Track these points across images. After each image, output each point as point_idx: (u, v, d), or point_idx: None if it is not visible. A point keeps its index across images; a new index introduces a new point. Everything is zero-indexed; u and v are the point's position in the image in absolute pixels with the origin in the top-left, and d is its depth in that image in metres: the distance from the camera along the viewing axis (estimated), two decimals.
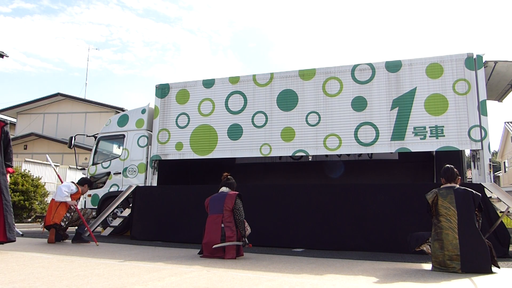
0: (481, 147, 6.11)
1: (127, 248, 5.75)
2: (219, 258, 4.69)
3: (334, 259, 4.93)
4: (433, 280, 3.44)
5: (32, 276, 3.15)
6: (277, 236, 6.46)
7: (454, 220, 3.94)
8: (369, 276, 3.65)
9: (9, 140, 5.14)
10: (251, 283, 3.11)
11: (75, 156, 10.30)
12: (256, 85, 7.60)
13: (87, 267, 3.69)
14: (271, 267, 4.08)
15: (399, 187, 6.47)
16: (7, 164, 5.10)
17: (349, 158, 9.08)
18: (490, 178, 6.05)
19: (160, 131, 8.13)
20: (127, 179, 8.40)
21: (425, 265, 4.37)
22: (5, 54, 14.11)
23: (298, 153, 7.07)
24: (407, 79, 6.67)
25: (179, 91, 8.16)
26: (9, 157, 5.14)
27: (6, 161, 5.10)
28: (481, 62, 6.32)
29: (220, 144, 7.59)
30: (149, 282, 3.04)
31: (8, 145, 5.13)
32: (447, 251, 3.88)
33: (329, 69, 7.19)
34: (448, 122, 6.32)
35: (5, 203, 4.80)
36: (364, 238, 6.03)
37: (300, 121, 7.12)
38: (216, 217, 4.93)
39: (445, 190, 4.13)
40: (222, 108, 7.73)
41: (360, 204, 6.25)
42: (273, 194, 6.93)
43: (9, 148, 5.14)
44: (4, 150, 5.07)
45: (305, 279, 3.37)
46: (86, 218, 6.71)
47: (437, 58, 6.60)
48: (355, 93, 6.91)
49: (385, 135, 6.60)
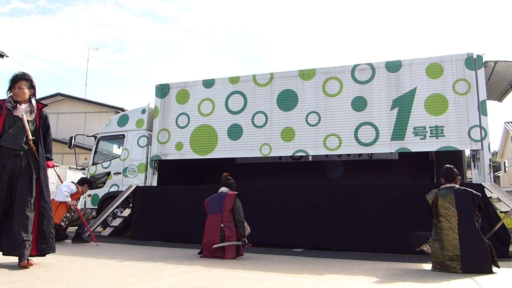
0: (481, 147, 6.11)
1: (127, 248, 5.75)
2: (219, 258, 4.69)
3: (334, 259, 4.93)
4: (433, 280, 3.44)
5: (32, 276, 3.15)
6: (277, 236, 6.45)
7: (454, 220, 3.94)
8: (369, 276, 3.64)
9: (48, 126, 4.08)
10: (251, 283, 3.11)
11: (75, 156, 10.31)
12: (256, 85, 7.59)
13: (87, 267, 3.69)
14: (271, 267, 4.08)
15: (399, 187, 6.47)
16: (47, 156, 4.01)
17: (349, 158, 9.08)
18: (490, 178, 6.05)
19: (160, 131, 8.13)
20: (127, 179, 8.40)
21: (425, 265, 4.37)
22: (5, 54, 14.11)
23: (298, 153, 7.07)
24: (407, 79, 6.67)
25: (179, 91, 8.16)
26: (49, 147, 4.08)
27: (47, 153, 4.03)
28: (481, 62, 6.32)
29: (220, 144, 7.59)
30: (149, 282, 3.04)
31: (47, 132, 4.06)
32: (447, 251, 3.88)
33: (329, 69, 7.18)
34: (448, 122, 6.32)
35: (43, 206, 3.76)
36: (364, 238, 6.03)
37: (300, 121, 7.12)
38: (216, 217, 4.93)
39: (445, 190, 4.12)
40: (222, 108, 7.73)
41: (360, 204, 6.25)
42: (273, 194, 6.93)
43: (48, 137, 4.08)
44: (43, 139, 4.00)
45: (305, 279, 3.37)
46: (86, 218, 6.72)
47: (437, 58, 6.60)
48: (355, 93, 6.91)
49: (385, 135, 6.60)
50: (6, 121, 3.73)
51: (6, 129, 3.71)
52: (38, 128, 3.92)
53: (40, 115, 3.96)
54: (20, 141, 3.72)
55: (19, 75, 3.82)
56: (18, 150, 3.71)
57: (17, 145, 3.70)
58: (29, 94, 3.86)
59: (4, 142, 3.67)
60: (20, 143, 3.72)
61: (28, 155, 3.79)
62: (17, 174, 3.68)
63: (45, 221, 3.76)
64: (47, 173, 3.91)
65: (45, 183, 3.84)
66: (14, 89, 3.78)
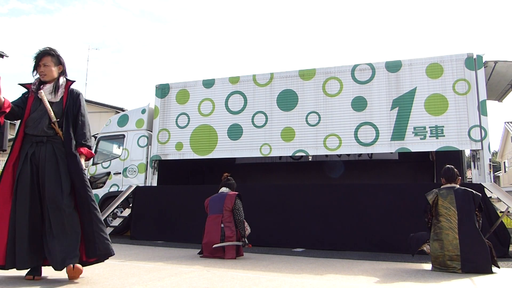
0: (481, 147, 6.11)
1: (127, 248, 5.75)
2: (219, 258, 4.69)
3: (334, 259, 4.93)
4: (433, 280, 3.44)
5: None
6: (277, 236, 6.46)
7: (454, 220, 3.94)
8: (369, 276, 3.64)
9: (80, 105, 3.34)
10: (251, 283, 3.11)
11: None
12: (256, 85, 7.59)
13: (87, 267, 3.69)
14: (271, 267, 4.08)
15: (399, 187, 6.47)
16: (80, 142, 3.27)
17: (349, 158, 9.08)
18: (490, 178, 6.05)
19: (160, 131, 8.13)
20: (127, 179, 8.40)
21: (425, 265, 4.37)
22: (5, 54, 14.11)
23: (298, 153, 7.07)
24: (407, 79, 6.67)
25: (179, 91, 8.16)
26: (82, 131, 3.31)
27: (78, 138, 3.28)
28: (481, 62, 6.32)
29: (220, 144, 7.59)
30: (149, 282, 3.04)
31: (78, 112, 3.33)
32: (447, 251, 3.88)
33: (329, 69, 7.18)
34: (448, 122, 6.31)
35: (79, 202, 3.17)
36: (364, 238, 6.03)
37: (300, 121, 7.12)
38: (216, 217, 4.94)
39: (445, 190, 4.12)
40: (222, 108, 7.73)
41: (360, 204, 6.25)
42: (273, 194, 6.93)
43: (80, 118, 3.32)
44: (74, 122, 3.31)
45: (305, 279, 3.37)
46: None
47: (437, 58, 6.60)
48: (355, 93, 6.91)
49: (385, 135, 6.60)
50: (32, 106, 3.24)
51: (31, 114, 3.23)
52: (65, 109, 3.27)
53: (68, 93, 3.34)
54: (42, 125, 3.18)
55: (43, 50, 3.26)
56: (41, 136, 3.17)
57: (38, 130, 3.16)
58: (57, 72, 3.31)
59: (27, 129, 3.18)
60: (42, 128, 3.17)
61: (53, 141, 3.20)
62: (42, 164, 3.10)
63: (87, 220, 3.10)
64: (78, 161, 3.19)
65: (76, 173, 3.15)
66: (39, 67, 3.25)
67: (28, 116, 3.21)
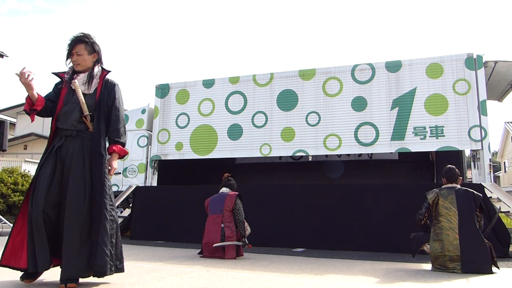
0: (481, 147, 6.11)
1: (127, 248, 5.74)
2: (219, 258, 4.69)
3: (334, 259, 4.93)
4: (433, 280, 3.44)
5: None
6: (277, 236, 6.46)
7: (455, 221, 3.94)
8: (369, 276, 3.64)
9: (114, 97, 3.08)
10: (251, 283, 3.11)
11: None
12: (256, 85, 7.59)
13: None
14: (271, 267, 4.08)
15: (399, 187, 6.46)
16: (113, 139, 3.04)
17: (349, 158, 9.07)
18: (490, 178, 6.05)
19: (160, 131, 8.13)
20: (127, 179, 8.40)
21: (425, 265, 4.37)
22: (5, 54, 14.10)
23: (298, 153, 7.07)
24: (407, 79, 6.67)
25: (179, 91, 8.16)
26: (116, 127, 3.04)
27: (111, 134, 3.04)
28: (481, 62, 6.32)
29: (220, 144, 7.59)
30: (149, 282, 3.04)
31: (113, 105, 3.07)
32: (447, 251, 3.88)
33: (329, 69, 7.18)
34: (448, 122, 6.31)
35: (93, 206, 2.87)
36: (364, 238, 6.03)
37: (300, 121, 7.12)
38: (216, 217, 4.94)
39: (446, 190, 4.12)
40: (222, 108, 7.73)
41: (360, 204, 6.25)
42: (273, 194, 6.93)
43: (114, 111, 3.06)
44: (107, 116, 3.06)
45: (305, 279, 3.37)
46: None
47: (437, 58, 6.60)
48: (355, 93, 6.91)
49: (385, 135, 6.60)
50: (65, 98, 3.02)
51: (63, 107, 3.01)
52: (98, 102, 3.02)
53: (103, 84, 3.08)
54: (73, 118, 2.95)
55: (76, 37, 3.01)
56: (70, 130, 2.94)
57: (68, 124, 2.95)
58: (91, 61, 3.07)
59: (58, 123, 2.98)
60: (72, 121, 2.95)
61: (83, 136, 2.96)
62: (68, 161, 2.87)
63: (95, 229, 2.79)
64: (103, 162, 2.91)
65: (97, 175, 2.86)
66: (72, 56, 3.02)
67: (60, 110, 2.99)
